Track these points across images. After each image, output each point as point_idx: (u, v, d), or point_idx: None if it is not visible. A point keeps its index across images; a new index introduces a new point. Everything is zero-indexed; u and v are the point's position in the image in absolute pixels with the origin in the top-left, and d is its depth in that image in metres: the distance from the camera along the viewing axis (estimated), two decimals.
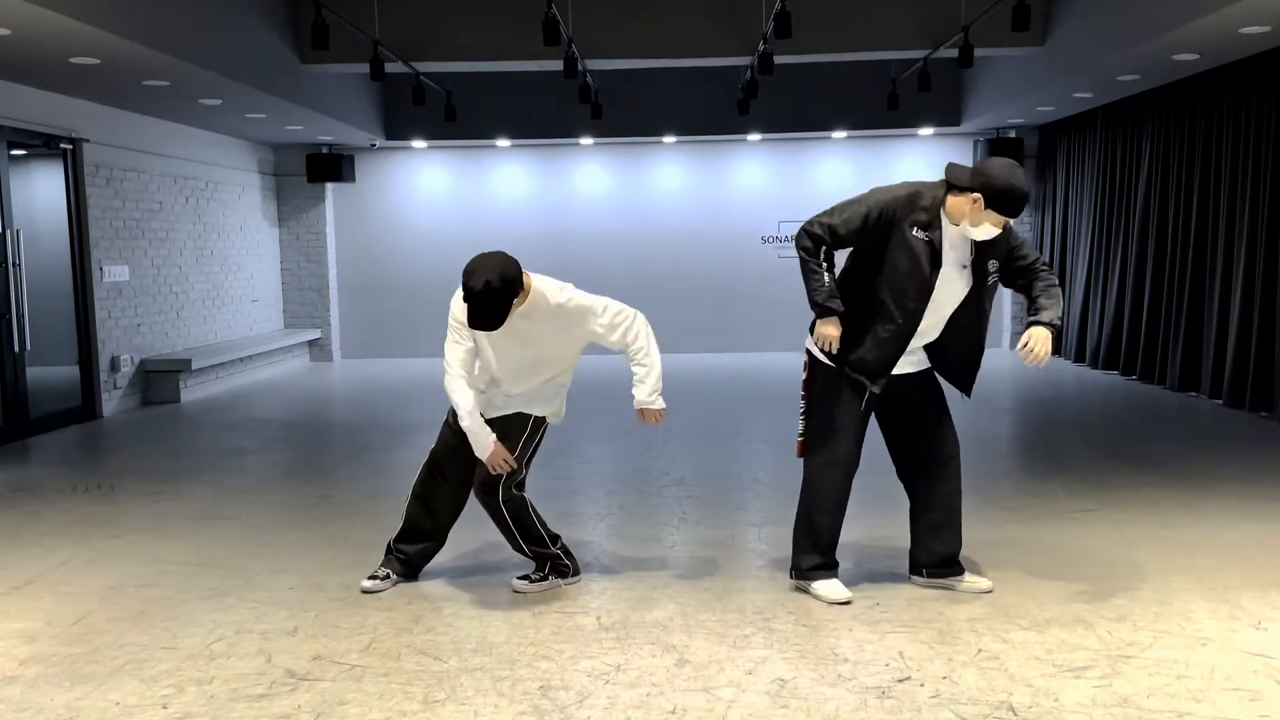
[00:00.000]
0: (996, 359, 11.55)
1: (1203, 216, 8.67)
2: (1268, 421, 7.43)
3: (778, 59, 8.06)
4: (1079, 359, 10.88)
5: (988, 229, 3.63)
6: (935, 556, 3.95)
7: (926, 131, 11.88)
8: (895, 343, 3.73)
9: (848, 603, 3.81)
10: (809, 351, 3.89)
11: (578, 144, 12.33)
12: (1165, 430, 7.24)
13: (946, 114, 11.57)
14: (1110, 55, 7.65)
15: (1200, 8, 6.28)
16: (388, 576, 4.12)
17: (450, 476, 4.05)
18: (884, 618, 3.67)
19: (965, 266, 3.71)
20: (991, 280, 3.76)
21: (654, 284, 12.31)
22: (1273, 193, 7.61)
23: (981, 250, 3.71)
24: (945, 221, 3.70)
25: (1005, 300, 12.44)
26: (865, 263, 3.78)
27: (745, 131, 11.66)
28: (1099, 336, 10.39)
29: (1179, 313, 8.95)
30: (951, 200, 3.67)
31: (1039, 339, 3.63)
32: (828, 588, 3.87)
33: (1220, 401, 8.20)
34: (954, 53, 8.00)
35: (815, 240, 3.72)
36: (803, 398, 3.92)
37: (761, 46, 7.96)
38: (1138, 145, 9.82)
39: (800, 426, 3.93)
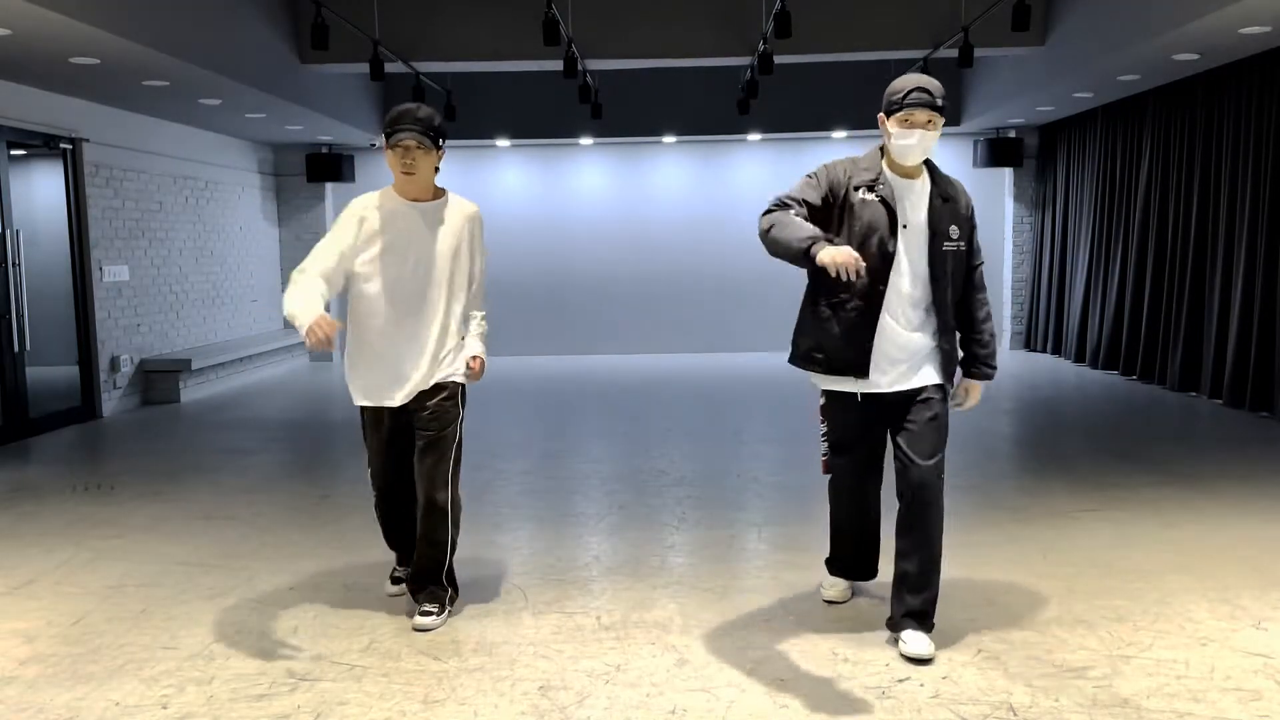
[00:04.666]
0: (996, 358, 11.55)
1: (1203, 216, 8.67)
2: (1268, 421, 7.43)
3: (778, 59, 8.06)
4: (1079, 359, 10.87)
5: (904, 139, 3.37)
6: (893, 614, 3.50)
7: None
8: (866, 323, 3.38)
9: (839, 602, 3.82)
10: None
11: (578, 144, 12.33)
12: (1165, 430, 7.24)
13: (946, 114, 11.54)
14: (1110, 55, 7.64)
15: (1200, 8, 6.28)
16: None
17: (397, 486, 3.86)
18: (884, 618, 3.67)
19: (906, 225, 3.39)
20: (952, 245, 3.41)
21: (654, 284, 12.32)
22: (1273, 193, 7.61)
23: (937, 212, 3.43)
24: (890, 175, 3.42)
25: (1005, 302, 12.45)
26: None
27: (745, 131, 11.66)
28: (1099, 336, 10.39)
29: (1179, 313, 8.95)
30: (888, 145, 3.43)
31: (974, 393, 3.57)
32: (829, 583, 3.90)
33: (1220, 401, 8.20)
34: (954, 53, 8.00)
35: (767, 212, 3.33)
36: (821, 421, 3.75)
37: (761, 46, 7.96)
38: (1138, 145, 9.82)
39: (823, 446, 3.78)
